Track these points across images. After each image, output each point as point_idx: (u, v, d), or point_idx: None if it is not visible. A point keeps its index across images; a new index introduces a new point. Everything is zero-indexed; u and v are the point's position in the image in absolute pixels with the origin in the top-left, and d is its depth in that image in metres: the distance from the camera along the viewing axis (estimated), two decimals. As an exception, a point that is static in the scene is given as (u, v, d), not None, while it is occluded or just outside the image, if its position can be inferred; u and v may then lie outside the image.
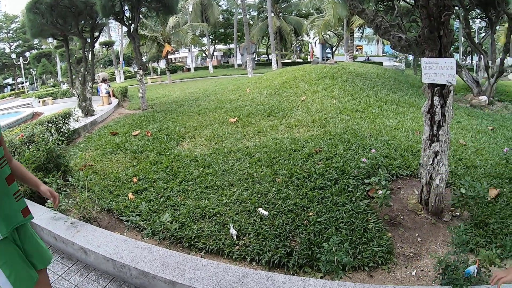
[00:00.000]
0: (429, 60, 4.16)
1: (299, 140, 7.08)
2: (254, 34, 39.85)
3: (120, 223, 4.86)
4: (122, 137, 8.96)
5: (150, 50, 35.03)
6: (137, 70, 14.64)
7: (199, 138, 8.33)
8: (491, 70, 13.69)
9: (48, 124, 9.03)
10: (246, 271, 3.22)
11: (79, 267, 3.99)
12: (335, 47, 47.63)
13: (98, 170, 6.77)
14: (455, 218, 4.40)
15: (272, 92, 12.34)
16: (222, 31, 52.80)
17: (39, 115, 14.38)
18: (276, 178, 5.46)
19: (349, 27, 30.56)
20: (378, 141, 6.60)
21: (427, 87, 4.32)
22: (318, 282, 3.02)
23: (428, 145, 4.38)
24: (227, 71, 40.02)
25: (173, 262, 3.43)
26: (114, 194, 5.57)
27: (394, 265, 3.67)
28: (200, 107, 12.15)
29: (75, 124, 10.19)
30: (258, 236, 4.05)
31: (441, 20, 3.98)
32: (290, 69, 16.98)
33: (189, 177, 5.96)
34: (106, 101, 17.12)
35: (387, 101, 10.35)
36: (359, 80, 13.53)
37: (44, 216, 4.67)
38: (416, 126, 7.71)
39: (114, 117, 13.17)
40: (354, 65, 18.19)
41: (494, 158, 6.06)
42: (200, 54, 60.55)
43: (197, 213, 4.66)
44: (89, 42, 14.16)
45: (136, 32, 13.72)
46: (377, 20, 4.85)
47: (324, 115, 8.77)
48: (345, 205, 4.51)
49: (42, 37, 16.18)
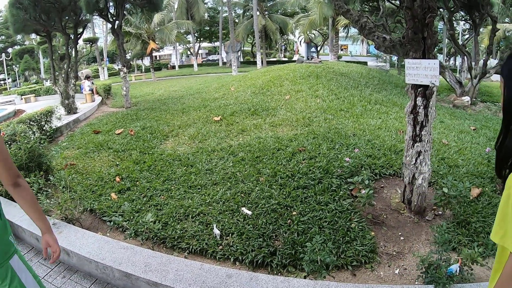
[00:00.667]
0: (412, 61, 4.20)
1: (282, 139, 7.08)
2: (240, 32, 39.75)
3: (103, 224, 4.81)
4: (105, 136, 8.87)
5: (134, 47, 34.68)
6: (121, 68, 14.48)
7: (182, 136, 8.28)
8: (474, 71, 13.89)
9: (30, 122, 8.89)
10: (229, 271, 3.22)
11: (61, 268, 3.94)
12: (320, 46, 47.81)
13: (81, 169, 6.69)
14: (437, 217, 4.46)
15: (257, 90, 12.33)
16: (207, 28, 52.59)
17: (21, 113, 14.13)
18: (259, 177, 5.46)
19: (334, 26, 30.68)
20: (362, 141, 6.63)
21: (411, 88, 4.36)
22: (302, 282, 3.03)
23: (411, 145, 4.42)
24: (212, 69, 39.89)
25: (156, 263, 3.40)
26: (96, 194, 5.52)
27: (377, 264, 3.70)
28: (184, 106, 12.08)
29: (58, 122, 10.06)
30: (241, 235, 4.04)
31: (425, 21, 4.02)
32: (274, 67, 16.99)
33: (172, 176, 5.93)
34: (89, 99, 16.90)
35: (371, 100, 10.42)
36: (343, 79, 13.60)
37: (25, 217, 4.58)
38: (400, 126, 7.78)
39: (97, 115, 13.03)
40: (338, 65, 18.30)
41: (476, 158, 6.15)
42: (185, 51, 60.19)
43: (180, 213, 4.63)
44: (72, 38, 13.95)
45: (120, 28, 13.59)
46: (361, 21, 4.88)
47: (308, 114, 8.79)
48: (328, 204, 4.53)
49: (25, 32, 15.94)
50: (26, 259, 4.04)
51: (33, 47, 32.20)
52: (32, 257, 4.21)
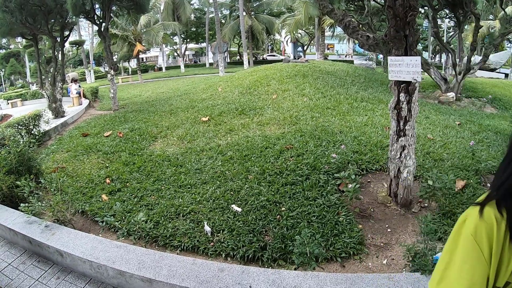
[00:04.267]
0: (395, 58, 4.32)
1: (270, 137, 7.18)
2: (226, 33, 39.73)
3: (95, 225, 4.85)
4: (93, 138, 8.88)
5: (121, 49, 34.50)
6: (108, 70, 14.43)
7: (171, 137, 8.33)
8: (459, 68, 14.08)
9: (18, 126, 8.87)
10: (221, 265, 3.29)
11: (55, 270, 3.97)
12: (307, 45, 48.02)
13: (71, 172, 6.71)
14: (423, 209, 4.58)
15: (244, 90, 12.40)
16: (194, 30, 52.46)
17: (8, 118, 14.04)
18: (248, 175, 5.55)
19: (320, 26, 30.84)
20: (348, 137, 6.75)
21: (394, 84, 4.48)
22: (292, 273, 3.12)
23: (395, 139, 4.54)
24: (199, 70, 39.83)
25: (150, 260, 3.47)
26: (87, 195, 5.56)
27: (365, 255, 3.80)
28: (172, 107, 12.12)
29: (46, 126, 10.03)
30: (232, 232, 4.12)
31: (406, 20, 4.13)
32: (261, 67, 17.07)
33: (162, 176, 5.99)
34: (77, 102, 16.83)
35: (357, 98, 10.55)
36: (330, 78, 13.72)
37: (17, 220, 4.62)
38: (385, 122, 7.90)
39: (85, 118, 12.99)
40: (325, 64, 18.43)
41: (461, 152, 6.30)
42: (171, 53, 59.98)
43: (171, 212, 4.70)
44: (59, 41, 13.88)
45: (107, 31, 13.55)
46: (345, 20, 4.99)
47: (295, 113, 8.89)
48: (316, 199, 4.63)
49: (11, 36, 15.77)
50: (19, 262, 4.10)
51: (19, 50, 31.81)
52: (26, 259, 4.24)
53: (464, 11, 13.94)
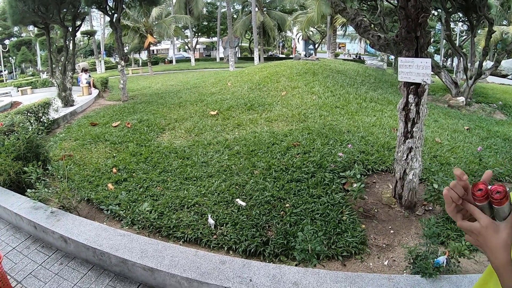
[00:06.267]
0: (405, 59, 4.30)
1: (278, 134, 7.19)
2: (238, 28, 39.68)
3: (100, 213, 4.90)
4: (102, 128, 8.93)
5: (132, 40, 34.55)
6: (119, 61, 14.50)
7: (179, 130, 8.36)
8: (470, 72, 13.96)
9: (28, 114, 8.93)
10: (223, 258, 3.31)
11: (59, 256, 4.02)
12: (318, 44, 47.84)
13: (78, 160, 6.76)
14: (427, 212, 4.57)
15: (253, 86, 12.40)
16: (206, 24, 52.42)
17: (18, 105, 14.15)
18: (254, 170, 5.57)
19: (332, 24, 30.72)
20: (356, 137, 6.74)
21: (403, 85, 4.46)
22: (293, 269, 3.13)
23: (402, 141, 4.53)
24: (209, 64, 39.82)
25: (152, 249, 3.49)
26: (93, 184, 5.60)
27: (367, 255, 3.81)
28: (181, 100, 12.15)
29: (55, 114, 10.09)
30: (235, 226, 4.15)
31: (418, 21, 4.12)
32: (272, 64, 17.05)
33: (168, 168, 6.02)
34: (86, 92, 16.90)
35: (366, 98, 10.51)
36: (340, 77, 13.68)
37: (23, 206, 4.67)
38: (394, 124, 7.88)
39: (94, 107, 13.06)
40: (335, 62, 18.37)
41: (468, 157, 6.26)
42: (182, 46, 59.98)
43: (176, 203, 4.73)
44: (70, 31, 13.96)
45: (118, 22, 13.59)
46: (357, 19, 4.97)
47: (304, 110, 8.89)
48: (320, 197, 4.64)
49: (23, 24, 15.88)
50: (24, 246, 4.15)
51: (31, 39, 31.94)
52: (30, 244, 4.29)
53: (478, 15, 13.80)
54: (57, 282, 3.49)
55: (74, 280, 3.51)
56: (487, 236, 0.92)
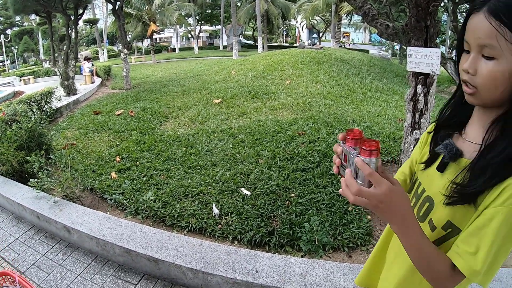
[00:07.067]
0: (414, 49, 4.22)
1: (282, 122, 7.12)
2: (241, 16, 39.40)
3: (103, 202, 4.86)
4: (105, 117, 8.89)
5: (134, 29, 34.45)
6: (121, 49, 14.43)
7: (182, 118, 8.32)
8: (476, 64, 13.81)
9: (30, 103, 8.90)
10: (228, 248, 3.27)
11: (62, 246, 3.98)
12: (322, 33, 47.50)
13: (81, 149, 6.73)
14: (433, 203, 4.51)
15: (257, 74, 12.32)
16: (209, 12, 52.13)
17: (20, 94, 14.08)
18: (259, 159, 5.51)
19: (337, 13, 30.44)
20: (361, 127, 6.67)
21: (411, 75, 4.39)
22: (299, 260, 3.09)
23: (409, 132, 4.47)
24: (212, 52, 39.69)
25: (157, 239, 3.46)
26: (97, 173, 5.56)
27: (373, 247, 3.74)
28: (185, 88, 12.09)
29: (58, 103, 10.06)
30: (240, 215, 4.10)
31: (428, 10, 4.03)
32: (275, 52, 16.94)
33: (172, 156, 5.98)
34: (89, 80, 16.83)
35: (372, 88, 10.42)
36: (345, 66, 13.57)
37: (26, 195, 4.64)
38: (399, 114, 7.80)
39: (97, 96, 13.03)
40: (340, 51, 18.26)
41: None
42: (185, 34, 59.71)
43: (180, 192, 4.68)
44: (72, 19, 13.84)
45: (121, 10, 13.51)
46: (365, 7, 4.88)
47: (308, 99, 8.82)
48: (326, 187, 4.58)
49: (25, 13, 15.79)
50: (27, 237, 4.13)
51: (33, 28, 31.88)
52: (33, 234, 4.26)
53: (485, 6, 13.61)
54: (60, 272, 3.46)
55: (77, 271, 3.48)
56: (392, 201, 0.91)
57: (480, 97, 0.99)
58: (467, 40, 1.00)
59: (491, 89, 0.95)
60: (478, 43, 0.95)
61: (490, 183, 0.94)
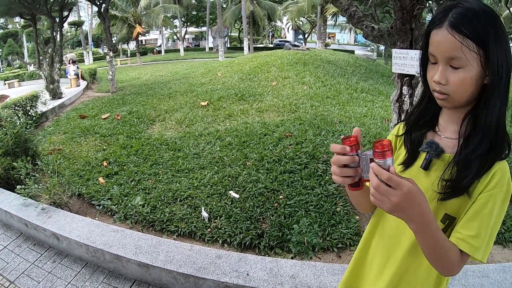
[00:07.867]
0: (400, 51, 4.27)
1: (269, 124, 7.16)
2: (227, 17, 39.38)
3: (92, 208, 4.84)
4: (91, 120, 8.83)
5: (120, 31, 34.18)
6: (107, 52, 14.33)
7: (169, 121, 8.31)
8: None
9: (15, 107, 8.80)
10: (219, 252, 3.29)
11: (51, 253, 3.95)
12: (308, 34, 47.72)
13: (68, 154, 6.68)
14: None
15: (244, 76, 12.35)
16: (195, 13, 51.96)
17: (5, 98, 13.91)
18: (246, 162, 5.53)
19: (323, 14, 30.61)
20: (348, 128, 6.74)
21: (397, 77, 4.44)
22: (289, 262, 3.11)
23: (395, 132, 4.51)
24: (198, 54, 39.61)
25: (147, 245, 3.46)
26: (84, 178, 5.53)
27: (361, 247, 3.80)
28: (171, 90, 12.06)
29: (43, 107, 9.96)
30: (229, 218, 4.12)
31: (413, 13, 4.09)
32: (262, 54, 16.98)
33: (160, 160, 5.97)
34: (75, 83, 16.70)
35: (357, 88, 10.52)
36: (330, 67, 13.67)
37: (13, 203, 4.59)
38: (385, 114, 7.89)
39: (83, 99, 12.91)
40: (326, 52, 18.38)
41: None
42: (171, 36, 59.48)
43: (169, 197, 4.69)
44: (58, 21, 13.71)
45: (106, 12, 13.42)
46: (351, 10, 4.92)
47: (295, 101, 8.87)
48: (314, 188, 4.62)
49: (10, 16, 15.62)
50: (15, 245, 4.09)
51: (17, 30, 31.51)
52: (22, 242, 4.22)
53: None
54: (50, 280, 3.44)
55: (68, 278, 3.46)
56: (414, 200, 0.93)
57: (452, 101, 1.08)
58: (432, 53, 1.07)
59: (461, 93, 1.05)
60: (446, 56, 1.03)
61: (479, 174, 1.05)
